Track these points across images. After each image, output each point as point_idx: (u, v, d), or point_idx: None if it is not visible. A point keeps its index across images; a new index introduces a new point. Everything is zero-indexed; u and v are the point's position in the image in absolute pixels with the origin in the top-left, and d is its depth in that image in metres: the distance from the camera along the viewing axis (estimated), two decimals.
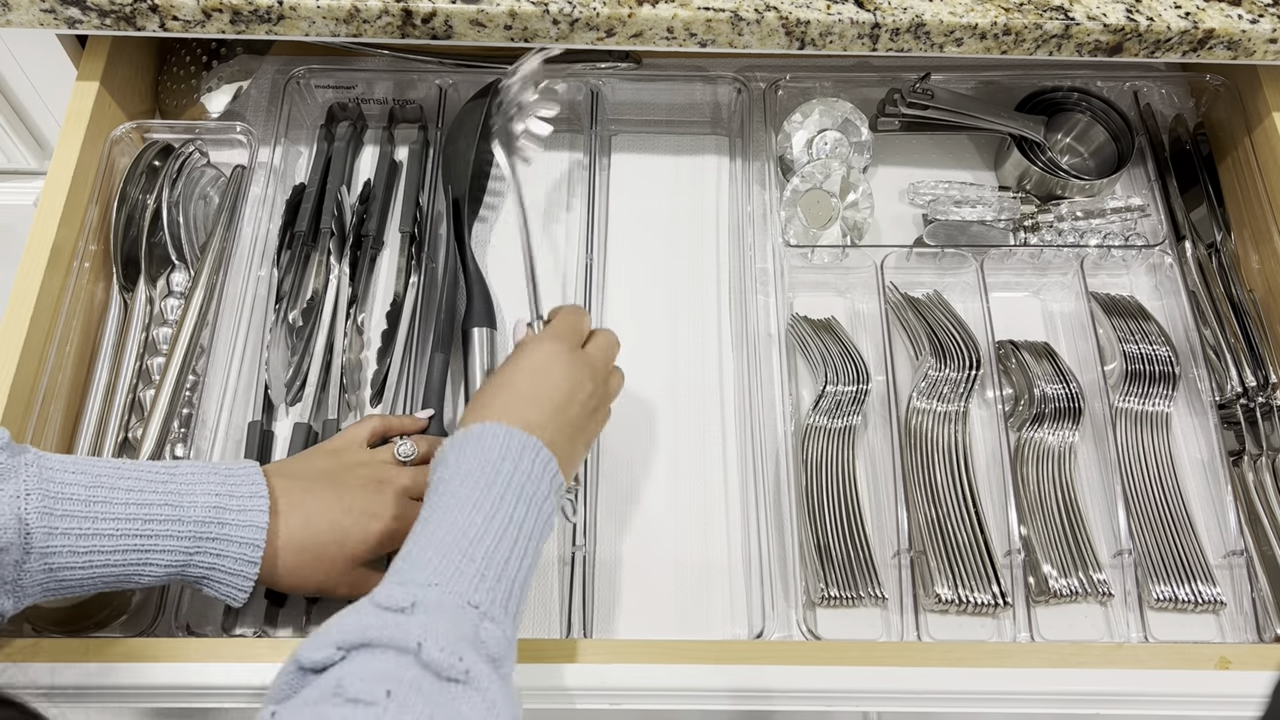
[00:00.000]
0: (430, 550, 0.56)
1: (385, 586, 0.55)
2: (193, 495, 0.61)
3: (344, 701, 0.47)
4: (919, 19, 0.79)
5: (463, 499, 0.58)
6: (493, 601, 0.55)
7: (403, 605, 0.52)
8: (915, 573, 0.76)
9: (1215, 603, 0.76)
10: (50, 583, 0.59)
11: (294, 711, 0.48)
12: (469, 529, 0.57)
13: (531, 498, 0.60)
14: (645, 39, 0.80)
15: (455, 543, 0.56)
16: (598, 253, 0.89)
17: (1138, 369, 0.84)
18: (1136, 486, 0.81)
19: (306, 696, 0.49)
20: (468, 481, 0.59)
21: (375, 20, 0.78)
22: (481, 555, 0.56)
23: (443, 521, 0.58)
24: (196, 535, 0.61)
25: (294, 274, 0.86)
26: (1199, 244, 0.91)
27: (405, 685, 0.48)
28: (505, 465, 0.60)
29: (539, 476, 0.61)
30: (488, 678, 0.51)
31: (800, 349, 0.87)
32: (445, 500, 0.59)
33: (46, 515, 0.57)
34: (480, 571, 0.56)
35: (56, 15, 0.79)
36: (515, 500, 0.59)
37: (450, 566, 0.55)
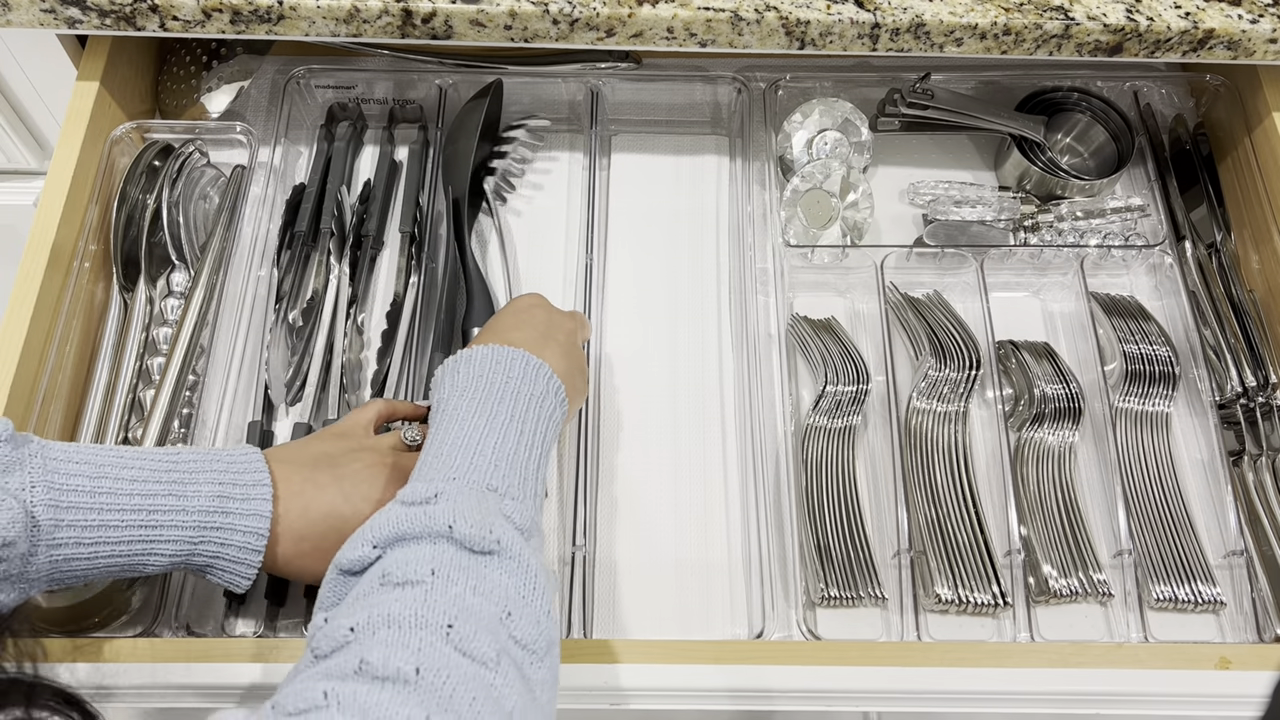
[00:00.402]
0: (443, 455, 0.60)
1: (408, 487, 0.58)
2: (196, 484, 0.61)
3: (393, 586, 0.50)
4: (919, 19, 0.79)
5: (464, 410, 0.62)
6: (509, 484, 0.59)
7: (427, 497, 0.56)
8: (915, 573, 0.76)
9: (1215, 603, 0.76)
10: (55, 573, 0.59)
11: (346, 609, 0.51)
12: (474, 431, 0.61)
13: (529, 397, 0.64)
14: (645, 39, 0.80)
15: (464, 444, 0.60)
16: (598, 253, 0.89)
17: (1138, 369, 0.84)
18: (1136, 486, 0.81)
19: (356, 592, 0.52)
20: (465, 394, 0.63)
21: (375, 20, 0.78)
22: (491, 449, 0.60)
23: (449, 430, 0.61)
24: (201, 525, 0.61)
25: (294, 274, 0.86)
26: (1199, 244, 0.91)
27: (447, 563, 0.52)
28: (497, 375, 0.64)
29: (533, 377, 0.65)
30: (519, 545, 0.54)
31: (800, 349, 0.87)
32: (447, 414, 0.62)
33: (52, 508, 0.57)
34: (493, 462, 0.59)
35: (56, 15, 0.79)
36: (513, 400, 0.63)
37: (465, 462, 0.59)
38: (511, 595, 0.52)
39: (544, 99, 0.98)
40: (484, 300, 0.85)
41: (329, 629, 0.49)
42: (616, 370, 0.86)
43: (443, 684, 0.45)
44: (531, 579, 0.54)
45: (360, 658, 0.46)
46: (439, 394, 0.65)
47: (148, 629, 0.71)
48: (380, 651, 0.46)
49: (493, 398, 0.62)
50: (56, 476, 0.58)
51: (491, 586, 0.52)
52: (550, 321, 0.72)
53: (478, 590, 0.51)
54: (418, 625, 0.48)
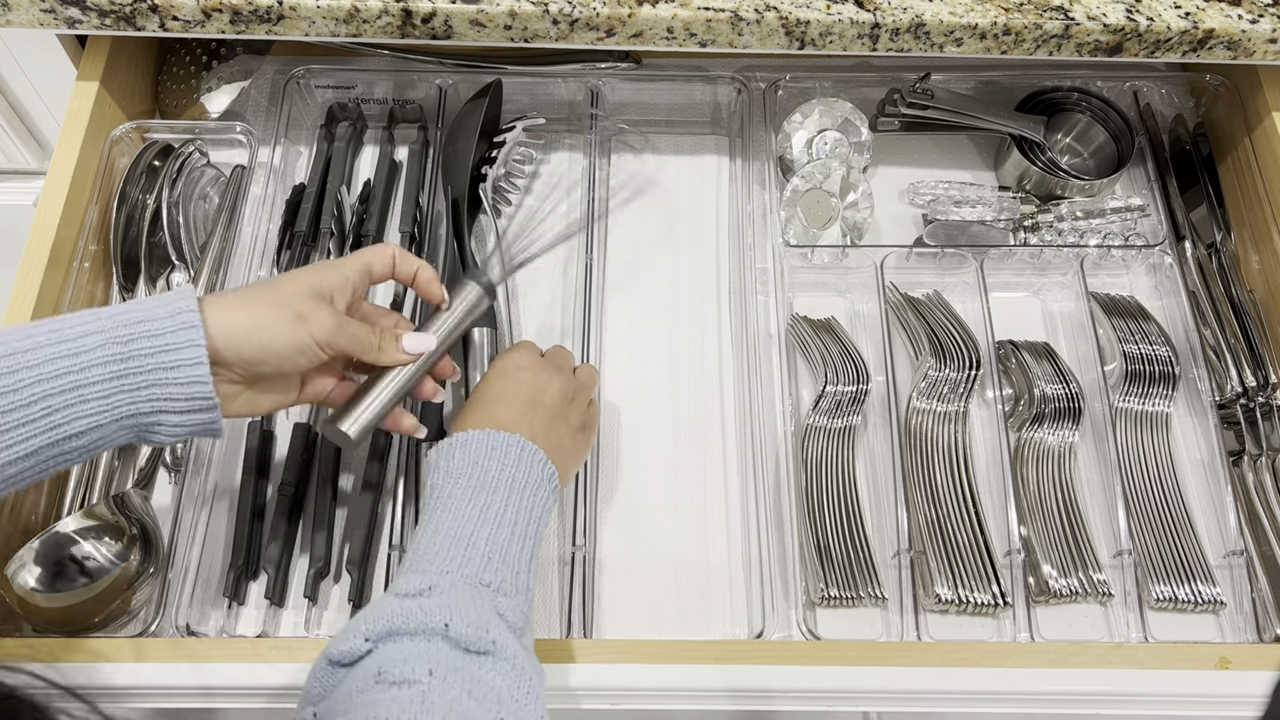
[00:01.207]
0: (435, 545, 0.59)
1: (400, 579, 0.57)
2: (98, 311, 0.56)
3: (389, 685, 0.49)
4: (919, 19, 0.79)
5: (457, 498, 0.61)
6: (502, 579, 0.58)
7: (421, 589, 0.55)
8: (915, 573, 0.76)
9: (1215, 603, 0.76)
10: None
11: (340, 706, 0.50)
12: (467, 522, 0.60)
13: (523, 486, 0.63)
14: (645, 39, 0.80)
15: (457, 535, 0.59)
16: (598, 253, 0.89)
17: (1138, 369, 0.84)
18: (1136, 486, 0.81)
19: (348, 688, 0.51)
20: (460, 482, 0.62)
21: (375, 20, 0.78)
22: (484, 541, 0.59)
23: (442, 519, 0.60)
24: (116, 321, 0.55)
25: None
26: (1199, 244, 0.91)
27: (443, 664, 0.51)
28: (491, 462, 0.63)
29: (527, 465, 0.64)
30: (513, 646, 0.54)
31: (800, 349, 0.87)
32: (441, 502, 0.61)
33: None
34: (485, 555, 0.59)
35: (56, 15, 0.79)
36: (507, 490, 0.62)
37: (457, 555, 0.58)
38: (505, 699, 0.51)
39: (544, 99, 0.98)
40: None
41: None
42: (616, 370, 0.86)
43: None
44: (526, 681, 0.53)
45: None
46: (433, 478, 0.64)
47: (148, 629, 0.71)
48: None
49: (486, 487, 0.62)
50: None
51: (486, 690, 0.51)
52: (535, 386, 0.70)
53: (473, 694, 0.50)
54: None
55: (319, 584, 0.76)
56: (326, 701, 0.52)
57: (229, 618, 0.74)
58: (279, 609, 0.75)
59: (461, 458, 0.63)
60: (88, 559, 0.70)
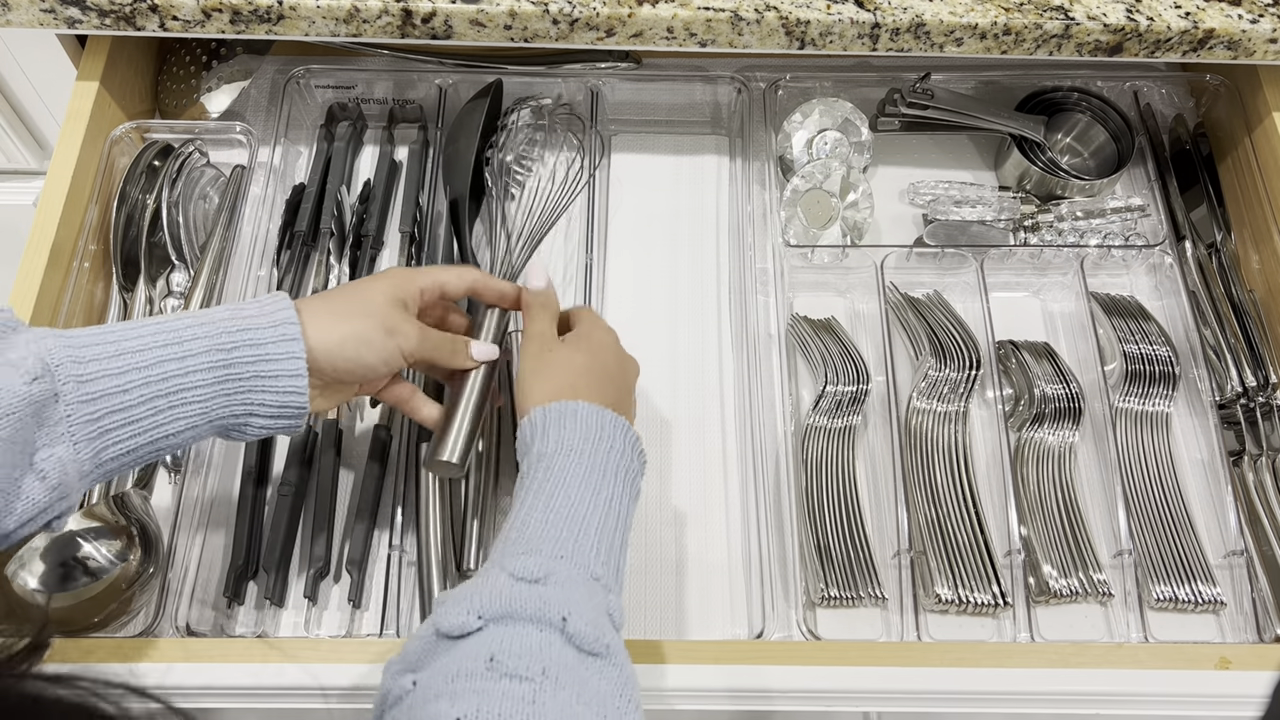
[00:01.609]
0: (549, 524, 0.57)
1: (515, 557, 0.55)
2: (210, 312, 0.60)
3: (501, 676, 0.48)
4: (919, 19, 0.79)
5: (570, 474, 0.60)
6: (609, 574, 0.57)
7: (537, 576, 0.54)
8: (915, 573, 0.76)
9: (1215, 603, 0.76)
10: (99, 424, 0.56)
11: (445, 684, 0.49)
12: (580, 505, 0.59)
13: (627, 473, 0.62)
14: (645, 39, 0.80)
15: (571, 517, 0.58)
16: (598, 253, 0.89)
17: (1138, 369, 0.84)
18: (1136, 486, 0.81)
19: (455, 666, 0.50)
20: (573, 457, 0.61)
21: (375, 20, 0.78)
22: (594, 530, 0.58)
23: (555, 495, 0.59)
24: (227, 328, 0.58)
25: (294, 274, 0.86)
26: (1199, 244, 0.91)
27: (556, 662, 0.50)
28: (603, 443, 0.62)
29: (631, 454, 0.63)
30: (621, 651, 0.53)
31: (800, 349, 0.87)
32: (554, 475, 0.60)
33: (73, 363, 0.55)
34: (596, 545, 0.57)
35: (56, 15, 0.79)
36: (615, 477, 0.61)
37: (570, 540, 0.57)
38: (609, 705, 0.50)
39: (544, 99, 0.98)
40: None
41: (430, 711, 0.47)
42: None
43: None
44: (629, 688, 0.52)
45: None
46: (542, 443, 0.62)
47: (148, 629, 0.71)
48: None
49: (598, 469, 0.60)
50: (66, 342, 0.55)
51: (594, 694, 0.50)
52: (622, 369, 0.70)
53: (581, 698, 0.49)
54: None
55: (319, 584, 0.76)
56: (428, 672, 0.51)
57: (229, 618, 0.74)
58: (279, 609, 0.75)
59: (574, 430, 0.62)
60: (88, 559, 0.70)
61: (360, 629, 0.75)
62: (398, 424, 0.81)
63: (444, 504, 0.76)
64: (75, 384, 0.54)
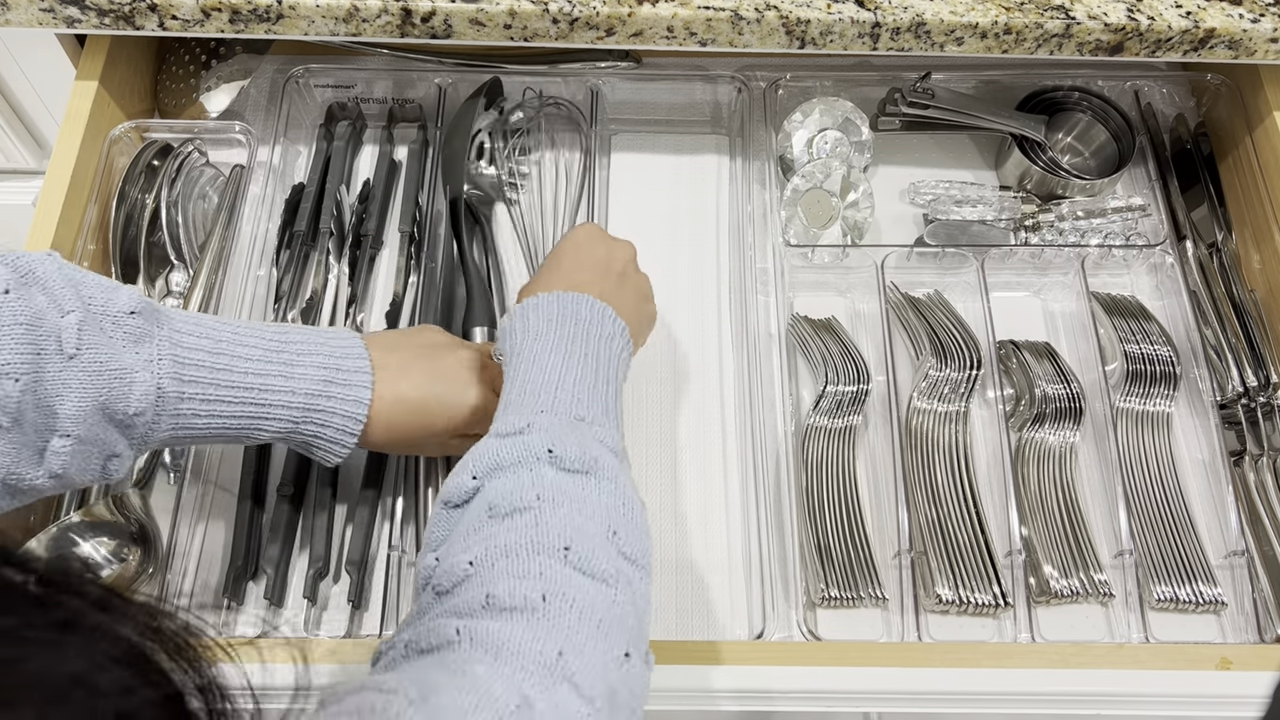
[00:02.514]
0: (527, 392, 0.60)
1: (499, 420, 0.59)
2: (304, 367, 0.65)
3: (502, 517, 0.51)
4: (919, 18, 0.79)
5: (539, 351, 0.63)
6: (594, 414, 0.60)
7: (520, 428, 0.57)
8: (915, 573, 0.76)
9: (1216, 603, 0.76)
10: (170, 439, 0.63)
11: (459, 543, 0.52)
12: (552, 371, 0.61)
13: (599, 336, 0.64)
14: (645, 38, 0.80)
15: (545, 381, 0.61)
16: None
17: (1138, 369, 0.84)
18: (1137, 486, 0.80)
19: (464, 527, 0.53)
20: (539, 338, 0.63)
21: (375, 19, 0.78)
22: (571, 383, 0.61)
23: (529, 372, 0.62)
24: (305, 406, 0.65)
25: (293, 274, 0.86)
26: (1200, 244, 0.91)
27: (549, 486, 0.53)
28: (566, 319, 0.64)
29: (599, 319, 0.65)
30: (614, 466, 0.56)
31: (800, 349, 0.87)
32: (523, 357, 0.63)
33: (177, 381, 0.61)
34: (574, 395, 0.60)
35: (55, 14, 0.79)
36: (584, 340, 0.63)
37: (549, 397, 0.60)
38: (613, 513, 0.53)
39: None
40: (483, 299, 0.85)
41: (446, 565, 0.50)
42: None
43: (569, 608, 0.46)
44: (628, 496, 0.55)
45: (486, 592, 0.47)
46: (511, 340, 0.65)
47: None
48: (504, 584, 0.47)
49: (565, 339, 0.63)
50: (181, 350, 0.61)
51: (594, 507, 0.53)
52: (610, 256, 0.72)
53: (582, 510, 0.52)
54: (535, 551, 0.49)
55: (319, 584, 0.76)
56: (445, 545, 0.53)
57: (229, 618, 0.74)
58: (279, 609, 0.75)
59: (536, 318, 0.64)
60: (87, 559, 0.70)
61: (360, 629, 0.75)
62: None
63: None
64: (169, 416, 0.61)
